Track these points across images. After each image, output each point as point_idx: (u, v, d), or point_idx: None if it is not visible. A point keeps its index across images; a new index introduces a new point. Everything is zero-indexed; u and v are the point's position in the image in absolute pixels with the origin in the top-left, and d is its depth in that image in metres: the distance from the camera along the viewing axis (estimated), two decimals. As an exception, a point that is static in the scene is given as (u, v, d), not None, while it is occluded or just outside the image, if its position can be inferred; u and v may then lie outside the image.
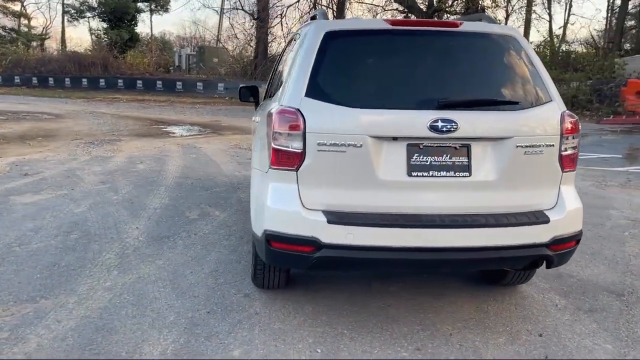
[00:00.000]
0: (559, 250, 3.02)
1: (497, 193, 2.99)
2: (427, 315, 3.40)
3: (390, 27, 3.14)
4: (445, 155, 2.94)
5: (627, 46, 31.01)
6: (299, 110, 2.93)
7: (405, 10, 25.28)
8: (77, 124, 14.70)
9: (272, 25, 26.97)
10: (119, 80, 31.58)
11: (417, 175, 2.93)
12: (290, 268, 3.52)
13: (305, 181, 2.92)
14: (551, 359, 2.74)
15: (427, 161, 2.93)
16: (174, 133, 13.59)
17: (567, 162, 3.09)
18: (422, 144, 2.93)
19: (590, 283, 4.00)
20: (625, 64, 22.33)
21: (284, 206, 2.95)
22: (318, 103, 2.93)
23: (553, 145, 3.04)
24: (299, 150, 2.91)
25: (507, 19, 30.19)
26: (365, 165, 2.90)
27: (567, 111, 3.13)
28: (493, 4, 27.43)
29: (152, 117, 17.60)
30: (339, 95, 2.97)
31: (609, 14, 34.77)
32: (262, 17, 26.44)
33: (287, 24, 25.69)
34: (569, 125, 3.07)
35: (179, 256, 4.36)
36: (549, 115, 3.07)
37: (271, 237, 2.96)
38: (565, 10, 36.86)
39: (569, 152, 3.08)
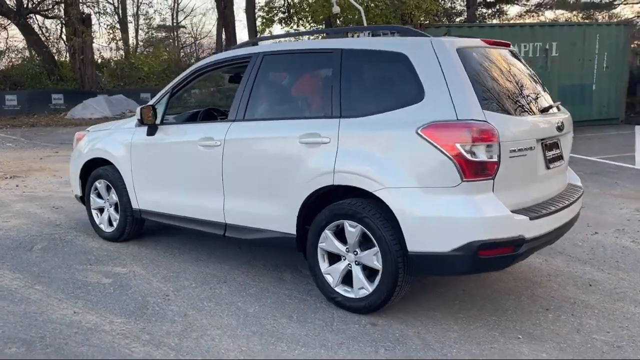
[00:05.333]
0: None
1: (566, 172, 4.07)
2: (491, 296, 4.01)
3: (488, 45, 3.73)
4: (554, 149, 3.80)
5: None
6: (487, 122, 3.21)
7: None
8: None
9: None
10: None
11: (551, 167, 3.70)
12: (486, 272, 3.90)
13: (498, 187, 3.25)
14: (559, 359, 3.15)
15: (550, 155, 3.72)
16: None
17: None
18: (547, 141, 3.68)
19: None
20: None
21: (494, 213, 3.19)
22: (495, 114, 3.29)
23: (570, 133, 4.17)
24: (495, 160, 3.20)
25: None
26: (533, 165, 3.51)
27: None
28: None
29: None
30: (501, 105, 3.41)
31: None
32: None
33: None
34: None
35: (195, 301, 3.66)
36: (565, 112, 4.19)
37: (482, 247, 3.15)
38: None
39: None
